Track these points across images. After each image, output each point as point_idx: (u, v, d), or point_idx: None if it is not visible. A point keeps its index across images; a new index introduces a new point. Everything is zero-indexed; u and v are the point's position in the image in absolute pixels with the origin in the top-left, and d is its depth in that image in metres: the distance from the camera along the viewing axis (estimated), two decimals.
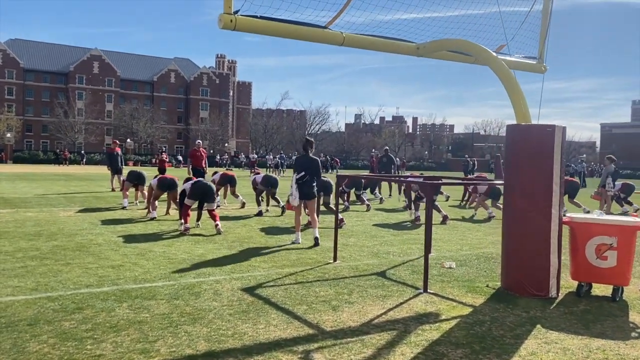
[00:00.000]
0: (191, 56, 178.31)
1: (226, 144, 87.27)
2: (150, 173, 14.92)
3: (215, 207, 9.80)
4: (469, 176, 30.39)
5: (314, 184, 8.46)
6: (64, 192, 18.34)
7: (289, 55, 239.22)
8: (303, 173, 8.30)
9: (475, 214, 14.00)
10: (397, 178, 11.96)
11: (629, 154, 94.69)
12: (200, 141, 18.16)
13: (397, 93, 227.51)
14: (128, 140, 69.22)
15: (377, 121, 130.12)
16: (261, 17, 5.97)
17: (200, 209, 10.01)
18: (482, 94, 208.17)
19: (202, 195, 9.62)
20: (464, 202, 17.26)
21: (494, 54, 6.56)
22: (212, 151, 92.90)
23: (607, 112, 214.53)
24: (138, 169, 15.71)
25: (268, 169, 43.66)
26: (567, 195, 14.55)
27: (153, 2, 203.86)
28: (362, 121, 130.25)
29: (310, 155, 8.52)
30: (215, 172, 15.00)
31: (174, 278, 6.07)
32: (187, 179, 10.59)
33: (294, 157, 51.44)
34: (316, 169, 8.48)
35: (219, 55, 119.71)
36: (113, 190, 19.10)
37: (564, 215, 5.88)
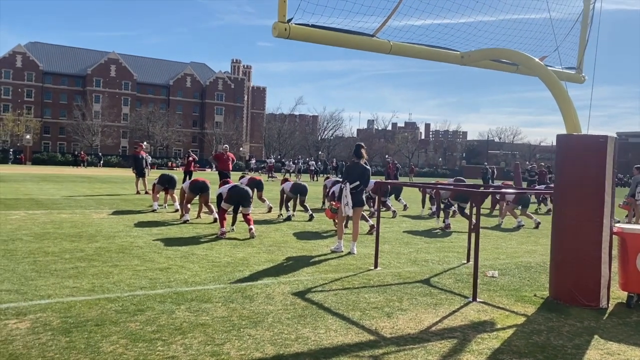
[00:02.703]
0: (207, 61, 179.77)
1: (241, 148, 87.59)
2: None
3: (249, 212, 9.88)
4: (490, 184, 30.29)
5: (363, 193, 8.52)
6: (90, 194, 18.55)
7: (302, 61, 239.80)
8: (358, 182, 8.31)
9: (502, 222, 13.94)
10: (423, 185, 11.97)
11: None
12: (227, 145, 18.33)
13: (409, 99, 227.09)
14: (145, 143, 69.67)
15: (389, 127, 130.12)
16: (312, 26, 6.04)
17: (235, 213, 10.10)
18: (495, 100, 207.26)
19: (239, 199, 9.71)
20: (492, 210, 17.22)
21: (543, 64, 6.58)
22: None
23: (622, 120, 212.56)
24: (169, 172, 15.86)
25: (289, 174, 43.59)
26: None
27: (166, 6, 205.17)
28: (375, 127, 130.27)
29: (362, 163, 8.50)
30: (243, 177, 15.09)
31: (223, 281, 6.15)
32: (224, 182, 10.69)
33: (310, 162, 51.62)
34: (368, 178, 8.52)
35: (235, 60, 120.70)
36: (138, 193, 19.28)
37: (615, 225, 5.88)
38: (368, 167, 8.58)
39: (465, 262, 8.09)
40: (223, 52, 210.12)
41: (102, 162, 60.15)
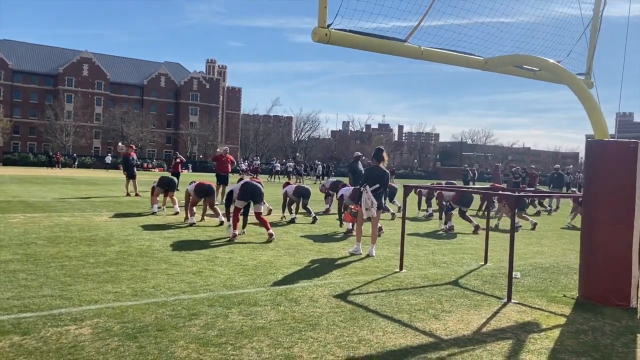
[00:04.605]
0: (181, 61, 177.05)
1: (218, 149, 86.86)
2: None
3: (262, 210, 9.87)
4: (471, 185, 30.81)
5: (382, 196, 8.61)
6: (79, 196, 18.22)
7: (273, 62, 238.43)
8: (378, 185, 8.39)
9: (498, 223, 14.22)
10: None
11: None
12: (227, 147, 18.24)
13: (381, 101, 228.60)
14: (120, 144, 68.52)
15: (364, 129, 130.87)
16: (350, 31, 6.11)
17: (246, 215, 10.07)
18: (464, 103, 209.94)
19: (252, 195, 9.68)
20: (482, 212, 17.54)
21: (573, 73, 6.78)
22: (201, 156, 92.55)
23: (587, 123, 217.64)
24: (168, 174, 15.70)
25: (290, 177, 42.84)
26: None
27: (136, 5, 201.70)
28: (351, 129, 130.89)
29: (382, 166, 8.59)
30: (241, 179, 15.01)
31: (261, 284, 6.16)
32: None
33: (288, 163, 51.45)
34: (387, 181, 8.62)
35: (210, 60, 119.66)
36: (128, 195, 19.00)
37: None
38: (387, 171, 8.68)
39: (483, 263, 8.25)
40: (195, 52, 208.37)
41: (76, 163, 59.04)
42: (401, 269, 7.47)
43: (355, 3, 5.83)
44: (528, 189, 19.49)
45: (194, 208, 11.67)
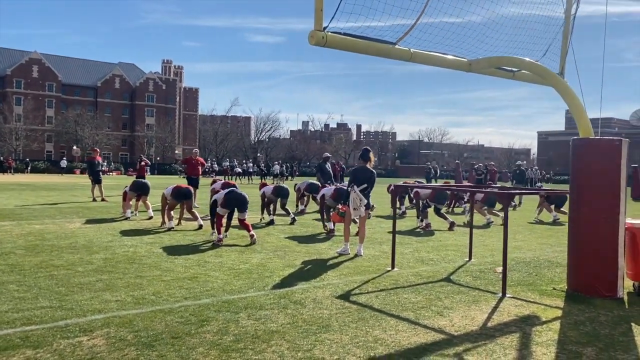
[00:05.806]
0: (135, 61, 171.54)
1: (176, 151, 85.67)
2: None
3: (245, 217, 9.82)
4: (433, 183, 31.43)
5: (370, 195, 8.70)
6: (43, 202, 17.64)
7: (229, 62, 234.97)
8: (365, 185, 8.47)
9: (471, 220, 14.53)
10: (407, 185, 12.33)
11: (565, 160, 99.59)
12: (197, 150, 17.99)
13: (339, 100, 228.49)
14: (74, 147, 66.61)
15: (323, 129, 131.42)
16: (344, 34, 6.17)
17: (229, 219, 9.99)
18: (420, 102, 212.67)
19: (237, 204, 9.61)
20: (451, 208, 17.92)
21: (558, 75, 7.02)
22: (158, 158, 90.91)
23: (540, 119, 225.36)
24: (141, 179, 15.30)
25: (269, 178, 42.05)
26: (554, 205, 15.47)
27: (85, 3, 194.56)
28: (311, 128, 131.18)
29: (369, 167, 8.68)
30: (215, 181, 14.88)
31: (260, 288, 6.14)
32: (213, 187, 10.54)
33: (247, 164, 50.97)
34: (374, 181, 8.70)
35: (165, 61, 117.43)
36: (94, 200, 18.51)
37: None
38: (374, 171, 8.78)
39: (468, 259, 8.46)
40: (150, 53, 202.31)
41: (29, 168, 57.00)
42: (393, 267, 7.58)
43: (351, 7, 5.90)
44: (494, 185, 20.03)
45: (172, 212, 11.49)
